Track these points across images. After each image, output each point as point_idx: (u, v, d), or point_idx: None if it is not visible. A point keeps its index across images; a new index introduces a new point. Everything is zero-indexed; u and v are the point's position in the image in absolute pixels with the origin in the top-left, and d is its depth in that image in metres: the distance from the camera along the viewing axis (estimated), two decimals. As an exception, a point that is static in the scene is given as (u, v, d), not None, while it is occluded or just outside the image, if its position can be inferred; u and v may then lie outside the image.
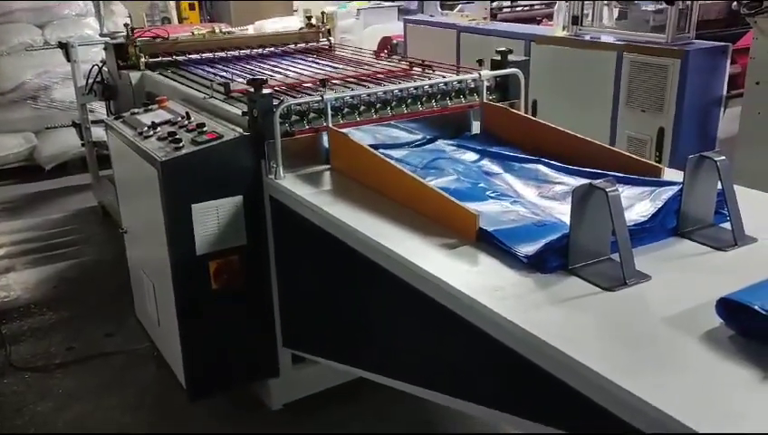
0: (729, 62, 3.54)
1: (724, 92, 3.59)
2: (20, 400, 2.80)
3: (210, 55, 3.58)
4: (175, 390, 2.58)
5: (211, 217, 2.24)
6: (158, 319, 2.60)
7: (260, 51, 3.71)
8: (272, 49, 3.74)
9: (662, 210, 1.64)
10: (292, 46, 3.82)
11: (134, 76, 3.42)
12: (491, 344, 1.40)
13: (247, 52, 3.68)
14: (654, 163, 2.05)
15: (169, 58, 3.51)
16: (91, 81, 4.07)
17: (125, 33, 3.59)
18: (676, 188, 1.70)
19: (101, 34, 5.39)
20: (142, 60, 3.45)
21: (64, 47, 4.57)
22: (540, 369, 1.30)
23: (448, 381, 1.71)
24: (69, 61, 4.54)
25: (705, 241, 1.63)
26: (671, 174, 1.97)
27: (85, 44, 4.93)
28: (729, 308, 1.25)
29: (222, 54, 3.61)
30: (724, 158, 1.63)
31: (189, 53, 3.56)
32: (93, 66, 4.06)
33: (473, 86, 2.57)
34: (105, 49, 3.85)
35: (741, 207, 1.62)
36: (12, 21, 5.57)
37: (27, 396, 2.82)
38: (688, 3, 3.53)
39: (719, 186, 1.65)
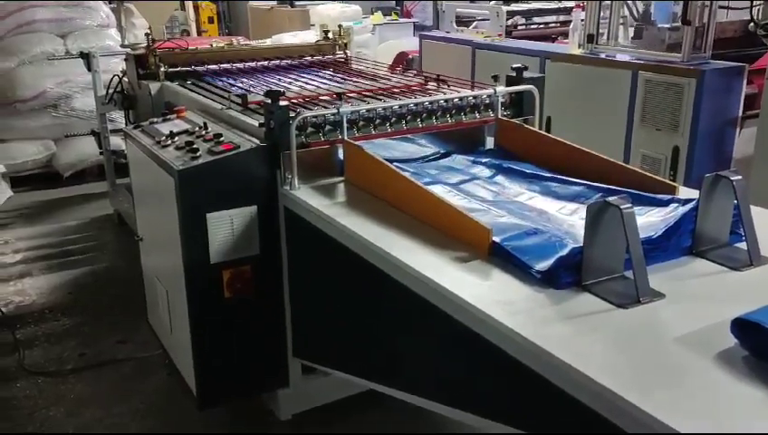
0: (745, 82, 3.53)
1: (740, 113, 3.58)
2: (32, 404, 2.82)
3: (228, 66, 3.63)
4: (185, 398, 2.59)
5: (225, 227, 2.26)
6: (170, 326, 2.62)
7: (277, 62, 3.75)
8: (289, 61, 3.79)
9: (676, 228, 1.63)
10: (309, 59, 3.86)
11: (154, 87, 3.47)
12: (501, 358, 1.40)
13: (265, 63, 3.73)
14: (669, 181, 2.04)
15: (188, 68, 3.56)
16: (111, 90, 4.13)
17: (146, 44, 3.65)
18: (690, 207, 1.69)
19: (122, 45, 5.48)
20: (162, 69, 3.50)
21: (86, 57, 4.64)
22: (550, 384, 1.30)
23: (458, 394, 1.70)
24: (90, 70, 4.62)
25: (720, 261, 1.62)
26: (686, 193, 1.96)
27: (106, 55, 5.02)
28: (744, 328, 1.24)
29: (240, 66, 3.66)
30: (740, 177, 1.62)
31: (208, 64, 3.61)
32: (114, 76, 4.12)
33: (488, 102, 2.59)
34: (126, 59, 3.91)
35: (757, 228, 1.62)
36: (34, 30, 5.67)
37: (39, 401, 2.84)
38: (704, 22, 3.53)
39: (735, 205, 1.65)
